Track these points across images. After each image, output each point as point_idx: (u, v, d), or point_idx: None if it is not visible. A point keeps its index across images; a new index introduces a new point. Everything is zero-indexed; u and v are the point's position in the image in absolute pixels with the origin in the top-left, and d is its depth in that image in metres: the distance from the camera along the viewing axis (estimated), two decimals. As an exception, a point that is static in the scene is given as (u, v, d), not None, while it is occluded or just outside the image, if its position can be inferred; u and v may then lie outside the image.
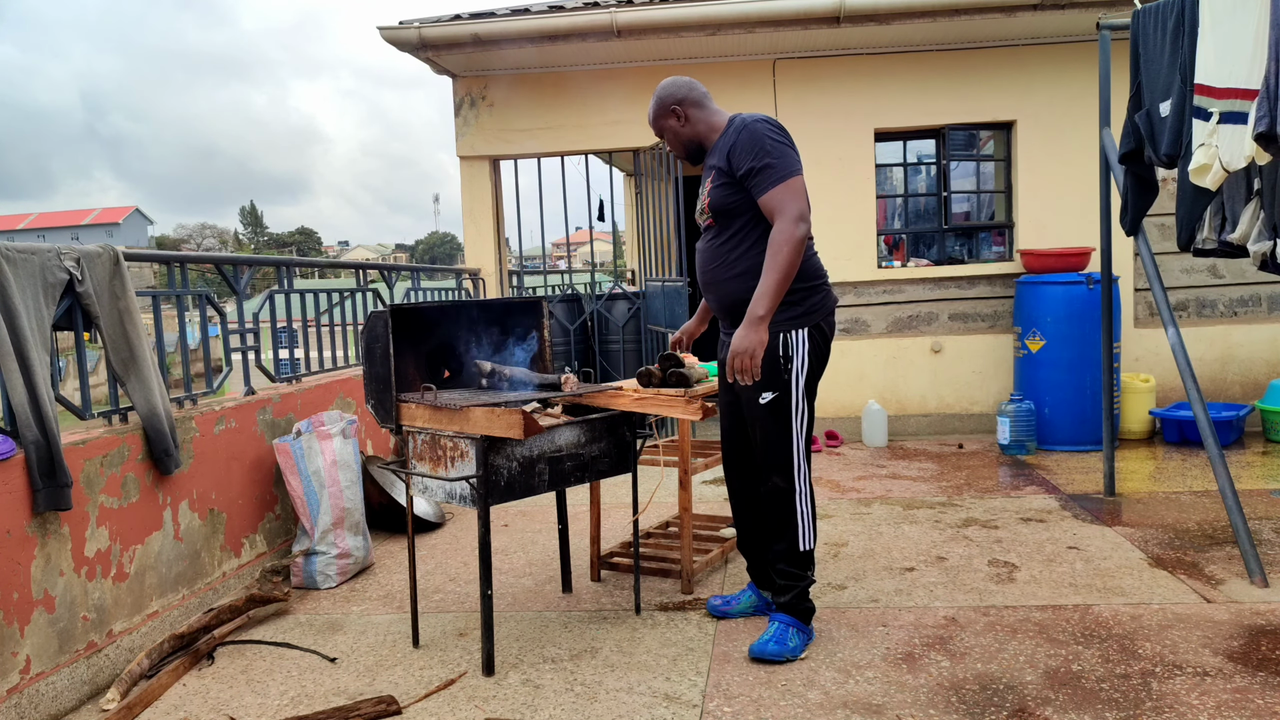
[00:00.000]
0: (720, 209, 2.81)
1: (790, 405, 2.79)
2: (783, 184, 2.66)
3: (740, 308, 2.77)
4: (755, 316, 2.62)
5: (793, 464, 2.82)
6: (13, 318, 2.58)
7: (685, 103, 2.91)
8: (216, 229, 70.84)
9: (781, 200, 2.65)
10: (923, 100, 6.36)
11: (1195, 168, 3.25)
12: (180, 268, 3.53)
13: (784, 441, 2.81)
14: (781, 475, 2.83)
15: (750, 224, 2.79)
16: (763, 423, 2.81)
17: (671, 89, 2.93)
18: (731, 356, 2.63)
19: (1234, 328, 6.37)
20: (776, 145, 2.69)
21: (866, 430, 6.29)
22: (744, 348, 2.62)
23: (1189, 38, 3.39)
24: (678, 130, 2.93)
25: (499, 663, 2.88)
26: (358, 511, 3.86)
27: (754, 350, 2.61)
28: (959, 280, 6.51)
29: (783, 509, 2.85)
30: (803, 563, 2.88)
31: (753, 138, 2.70)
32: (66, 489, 2.67)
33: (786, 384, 2.78)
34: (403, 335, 3.09)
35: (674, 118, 2.92)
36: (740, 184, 2.74)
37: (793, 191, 2.66)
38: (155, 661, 2.89)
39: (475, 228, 6.89)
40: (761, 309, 2.62)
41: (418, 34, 5.94)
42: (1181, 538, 3.89)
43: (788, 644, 2.82)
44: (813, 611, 2.94)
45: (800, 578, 2.88)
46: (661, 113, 2.94)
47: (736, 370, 2.63)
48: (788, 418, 2.80)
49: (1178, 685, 2.54)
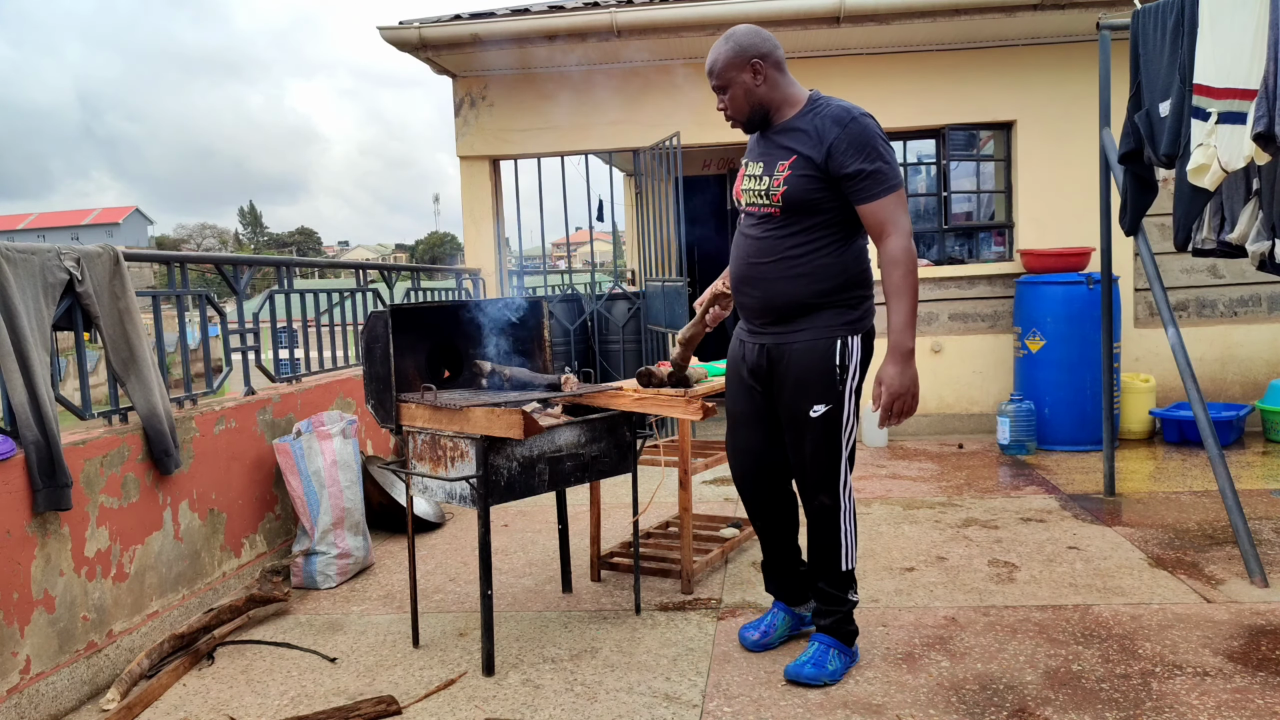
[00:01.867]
0: (798, 201, 2.50)
1: (842, 418, 2.57)
2: (895, 193, 2.45)
3: (790, 310, 2.56)
4: (906, 350, 2.43)
5: (839, 480, 2.62)
6: (13, 318, 2.58)
7: (769, 59, 2.54)
8: (216, 229, 70.88)
9: (894, 212, 2.44)
10: (923, 100, 6.36)
11: (1194, 168, 3.25)
12: (180, 268, 3.53)
13: (833, 457, 2.59)
14: (829, 493, 2.62)
15: (826, 224, 2.52)
16: (812, 438, 2.58)
17: (756, 39, 2.54)
18: (891, 399, 2.45)
19: (1234, 328, 6.36)
20: (887, 148, 2.48)
21: (866, 430, 6.29)
22: (903, 387, 2.44)
23: (1188, 38, 3.39)
24: (751, 88, 2.54)
25: (499, 663, 2.88)
26: (358, 511, 3.86)
27: (913, 390, 2.45)
28: (959, 280, 6.51)
29: (828, 528, 2.65)
30: (844, 583, 2.69)
31: (865, 134, 2.45)
32: (66, 489, 2.67)
33: (840, 395, 2.55)
34: (403, 335, 3.09)
35: (751, 72, 2.53)
36: (833, 180, 2.47)
37: (903, 203, 2.47)
38: (155, 661, 2.89)
39: (475, 228, 6.89)
40: (910, 340, 2.43)
41: (418, 34, 5.94)
42: (1181, 538, 3.89)
43: (826, 667, 2.64)
44: (857, 634, 2.75)
45: (842, 601, 2.69)
46: (737, 62, 2.52)
47: (897, 414, 2.46)
48: (838, 431, 2.58)
49: (1178, 685, 2.54)
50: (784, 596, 2.94)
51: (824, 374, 2.54)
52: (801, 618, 2.94)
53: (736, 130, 2.72)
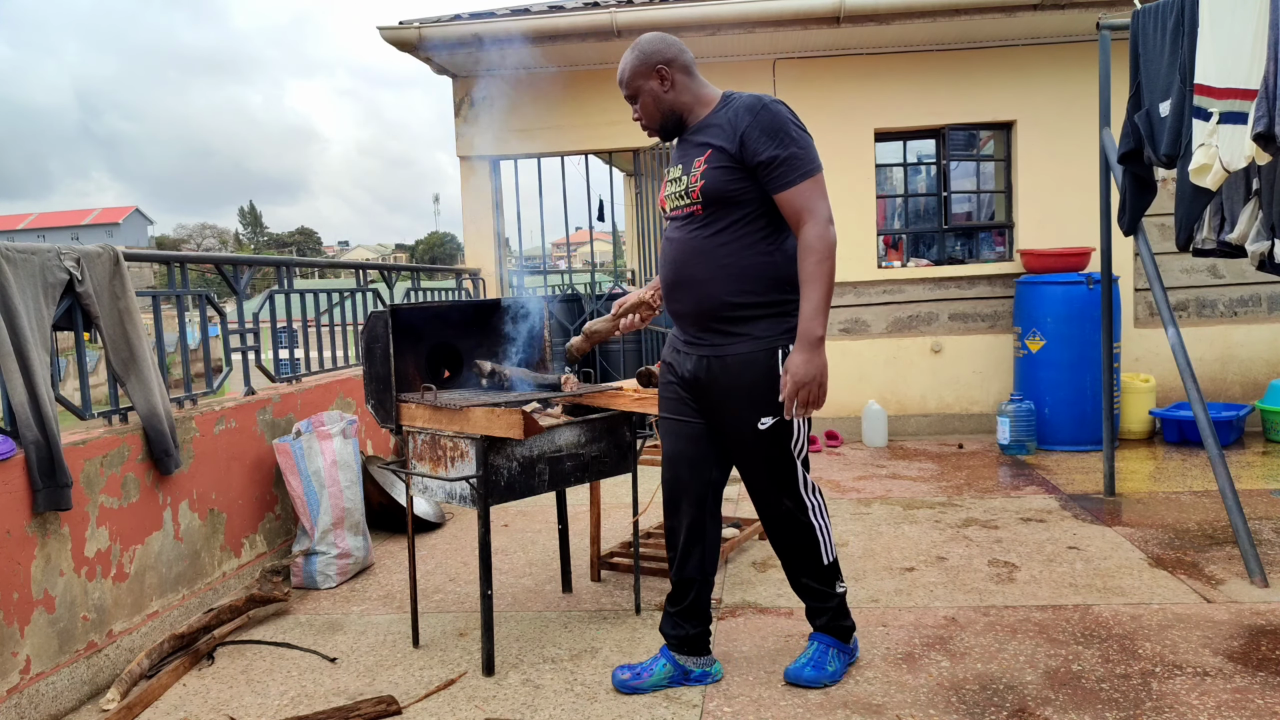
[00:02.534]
0: (717, 195, 2.42)
1: (791, 427, 2.49)
2: (811, 178, 2.35)
3: (720, 314, 2.46)
4: (815, 338, 2.32)
5: (798, 483, 2.56)
6: (13, 318, 2.58)
7: (674, 64, 2.49)
8: (216, 229, 70.89)
9: (811, 198, 2.35)
10: (923, 100, 6.36)
11: (1195, 168, 3.26)
12: (180, 268, 3.53)
13: (787, 465, 2.53)
14: (790, 497, 2.56)
15: (749, 218, 2.43)
16: (764, 451, 2.51)
17: (659, 45, 2.50)
18: (795, 387, 2.33)
19: (1234, 328, 6.37)
20: (801, 134, 2.38)
21: (866, 430, 6.30)
22: (810, 375, 2.32)
23: (1189, 38, 3.39)
24: (658, 95, 2.50)
25: (499, 663, 2.88)
26: (358, 511, 3.86)
27: (821, 378, 2.33)
28: (959, 280, 6.51)
29: (799, 529, 2.59)
30: (829, 577, 2.63)
31: (776, 120, 2.36)
32: (66, 489, 2.67)
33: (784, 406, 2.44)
34: (403, 335, 3.09)
35: (657, 79, 2.49)
36: (750, 171, 2.39)
37: (821, 189, 2.37)
38: (155, 661, 2.89)
39: (475, 228, 6.89)
40: (820, 328, 2.33)
41: (418, 34, 5.94)
42: (1181, 538, 3.89)
43: (826, 668, 2.61)
44: (853, 628, 2.71)
45: (830, 595, 2.64)
46: (643, 70, 2.50)
47: (804, 404, 2.35)
48: (787, 441, 2.50)
49: (1178, 685, 2.54)
50: (673, 639, 2.68)
51: (767, 387, 2.44)
52: (687, 672, 2.66)
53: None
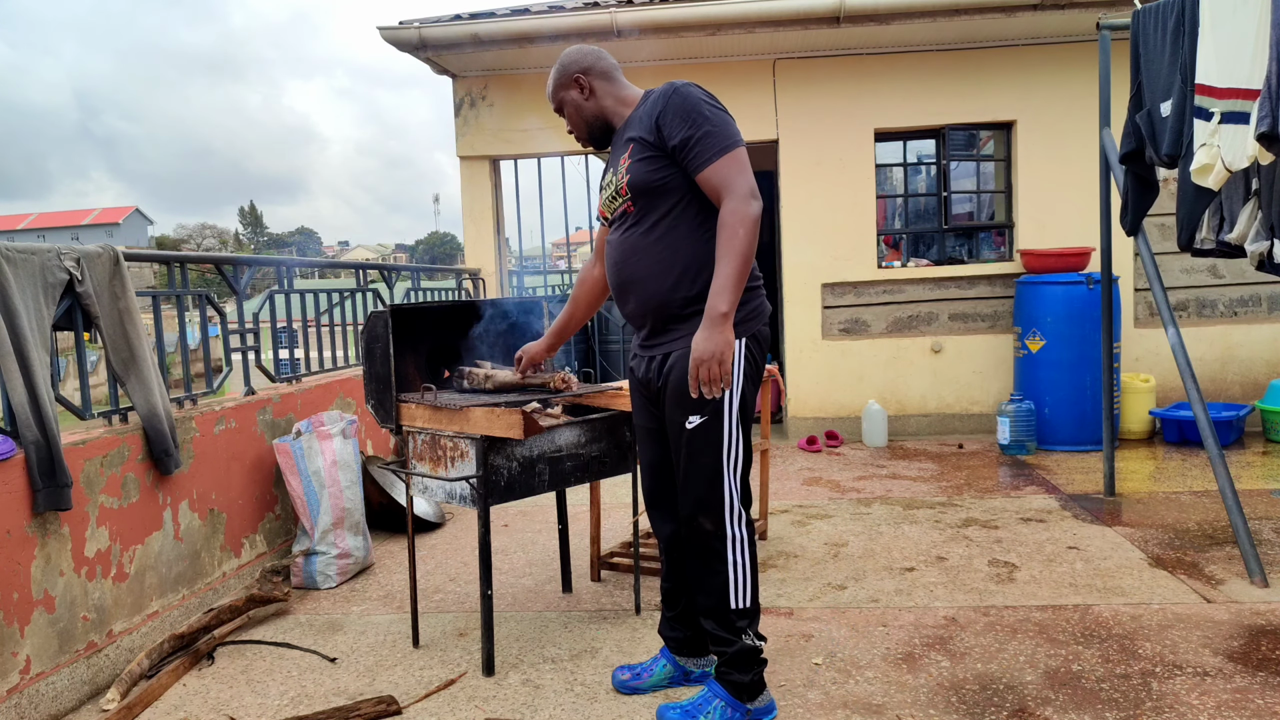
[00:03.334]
0: (643, 187, 2.35)
1: (721, 432, 2.33)
2: (728, 154, 2.25)
3: (665, 313, 2.38)
4: (718, 314, 2.18)
5: (723, 504, 2.35)
6: (13, 318, 2.58)
7: (591, 72, 2.50)
8: (216, 229, 70.91)
9: (728, 174, 2.24)
10: (923, 100, 6.36)
11: (1197, 168, 3.25)
12: (180, 268, 3.53)
13: (714, 476, 2.34)
14: (709, 516, 2.36)
15: (680, 207, 2.34)
16: (689, 452, 2.36)
17: (576, 55, 2.53)
18: (695, 365, 2.20)
19: (1234, 328, 6.37)
20: (716, 112, 2.29)
21: (866, 430, 6.30)
22: (709, 352, 2.18)
23: (1189, 38, 3.39)
24: (580, 104, 2.52)
25: (499, 663, 2.88)
26: (358, 511, 3.86)
27: (722, 354, 2.18)
28: (959, 280, 6.51)
29: (707, 556, 2.38)
30: (732, 625, 2.37)
31: (687, 102, 2.28)
32: (66, 489, 2.67)
33: (718, 407, 2.32)
34: (403, 335, 3.09)
35: (576, 88, 2.51)
36: (671, 157, 2.31)
37: (740, 164, 2.25)
38: (155, 661, 2.89)
39: (475, 228, 6.89)
40: (724, 304, 2.18)
41: (418, 34, 5.94)
42: (1181, 538, 3.89)
43: (696, 717, 2.37)
44: (753, 687, 2.39)
45: (729, 642, 2.38)
46: (563, 82, 2.52)
47: (704, 382, 2.20)
48: (718, 446, 2.34)
49: (1178, 685, 2.54)
50: (672, 641, 2.68)
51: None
52: (687, 673, 2.67)
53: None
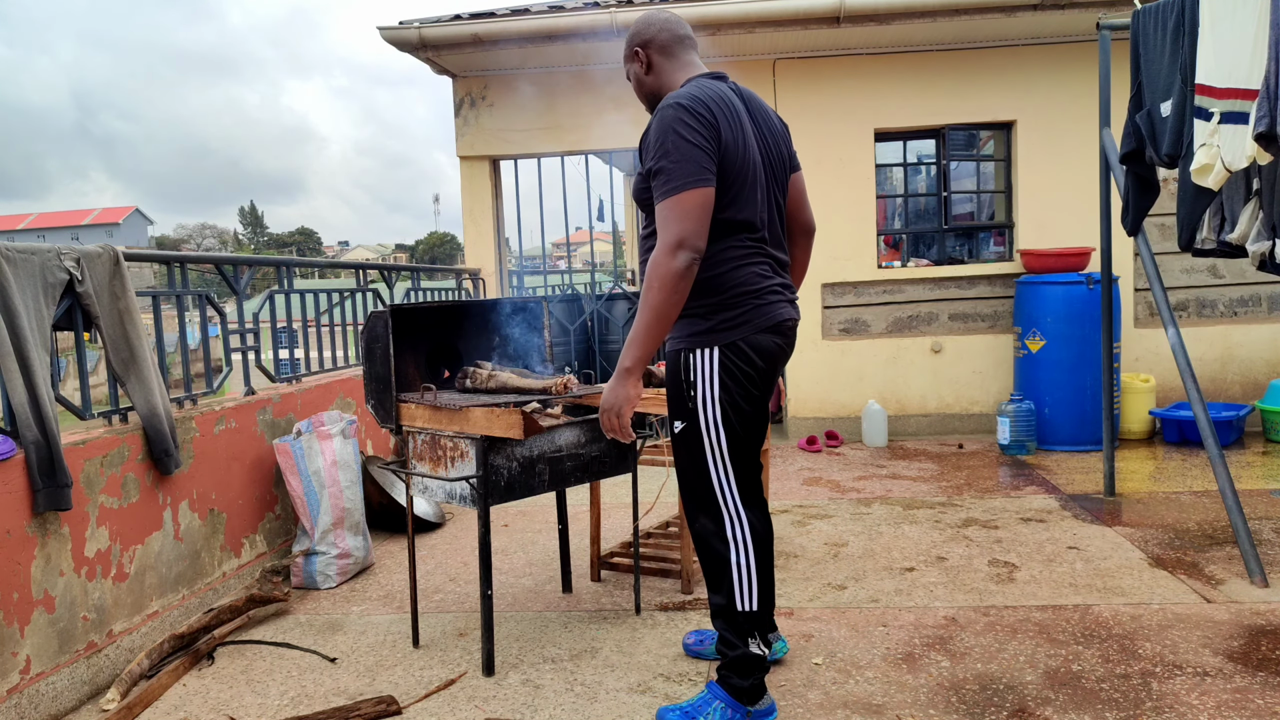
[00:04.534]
0: (639, 200, 2.32)
1: (701, 439, 2.31)
2: (670, 198, 2.10)
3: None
4: (621, 369, 2.17)
5: (718, 503, 2.34)
6: (13, 318, 2.58)
7: (651, 45, 2.36)
8: (216, 229, 70.94)
9: (661, 220, 2.12)
10: (923, 100, 6.36)
11: (1197, 168, 3.25)
12: (180, 268, 3.53)
13: (701, 479, 2.35)
14: (708, 515, 2.37)
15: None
16: (680, 456, 2.39)
17: (640, 24, 2.38)
18: (600, 413, 2.23)
19: (1234, 328, 6.37)
20: (681, 145, 2.10)
21: (866, 430, 6.30)
22: (607, 403, 2.20)
23: (1189, 38, 3.39)
24: (640, 78, 2.40)
25: (499, 663, 2.88)
26: (358, 511, 3.86)
27: (618, 408, 2.18)
28: (959, 280, 6.51)
29: (714, 556, 2.37)
30: (740, 628, 2.35)
31: (659, 128, 2.15)
32: (66, 489, 2.67)
33: (693, 413, 2.30)
34: (403, 335, 3.09)
35: (636, 61, 2.39)
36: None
37: (679, 210, 2.09)
38: (155, 661, 2.89)
39: (475, 228, 6.89)
40: (628, 359, 2.16)
41: (418, 34, 5.94)
42: (1181, 538, 3.89)
43: (694, 718, 2.35)
44: (754, 692, 2.36)
45: (734, 645, 2.35)
46: (627, 53, 2.42)
47: (605, 430, 2.24)
48: (700, 453, 2.33)
49: (1178, 685, 2.54)
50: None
51: (675, 389, 2.34)
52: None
53: None
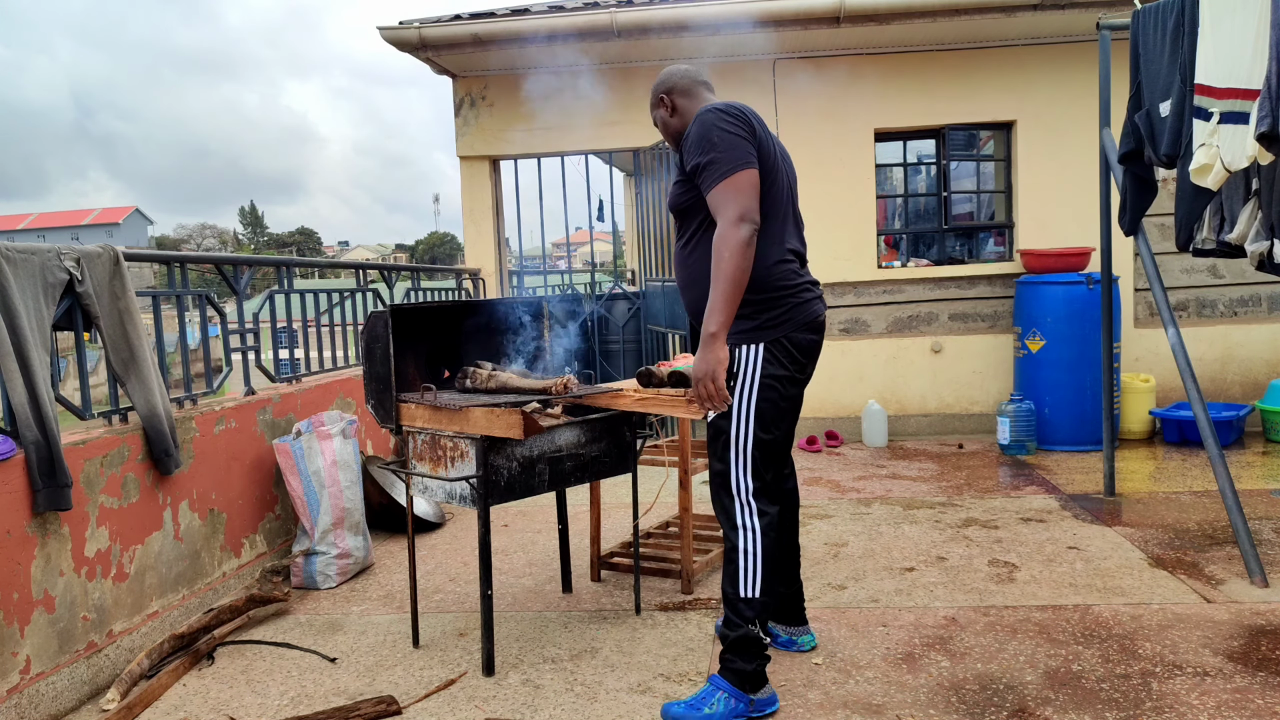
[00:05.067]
0: (676, 208, 2.58)
1: (731, 431, 2.46)
2: (725, 181, 2.35)
3: (700, 316, 2.49)
4: (707, 335, 2.32)
5: (734, 494, 2.49)
6: (13, 318, 2.58)
7: (674, 91, 2.66)
8: (216, 229, 70.90)
9: (720, 200, 2.35)
10: (923, 100, 6.36)
11: (1196, 168, 3.25)
12: (180, 268, 3.53)
13: (724, 468, 2.49)
14: (726, 502, 2.52)
15: (703, 224, 2.51)
16: (711, 444, 2.54)
17: (664, 75, 2.71)
18: (694, 382, 2.36)
19: (1234, 328, 6.37)
20: (725, 137, 2.38)
21: (866, 430, 6.29)
22: (701, 371, 2.32)
23: (1189, 38, 3.39)
24: (666, 121, 2.70)
25: (499, 663, 2.88)
26: (358, 511, 3.86)
27: (714, 373, 2.31)
28: (959, 280, 6.51)
29: (729, 542, 2.51)
30: (740, 612, 2.46)
31: (701, 130, 2.42)
32: (66, 489, 2.67)
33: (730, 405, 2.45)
34: (403, 335, 3.09)
35: (663, 107, 2.69)
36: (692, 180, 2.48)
37: (735, 189, 2.34)
38: (155, 661, 2.89)
39: (475, 228, 6.89)
40: (712, 325, 2.31)
41: (418, 34, 5.94)
42: (1181, 538, 3.89)
43: (701, 709, 2.40)
44: (755, 677, 2.45)
45: (735, 625, 2.46)
46: (653, 102, 2.72)
47: (701, 399, 2.35)
48: (727, 443, 2.48)
49: (1178, 685, 2.54)
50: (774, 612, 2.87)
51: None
52: (774, 635, 2.85)
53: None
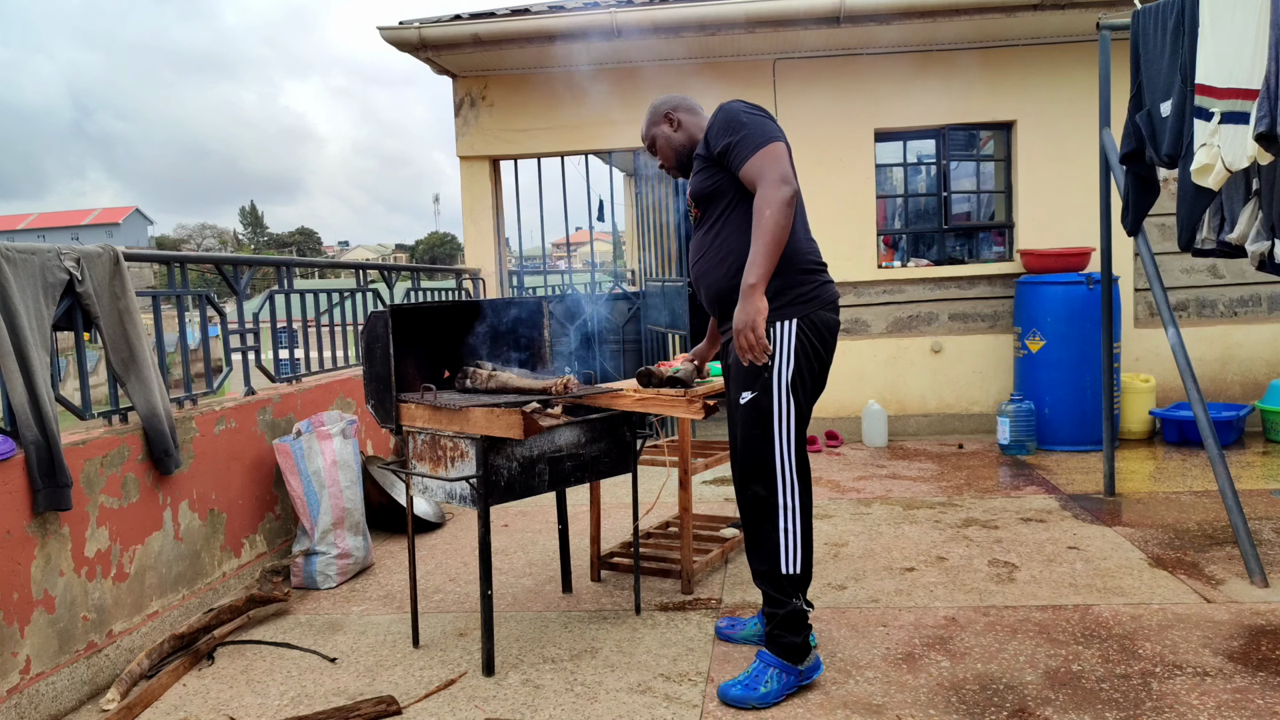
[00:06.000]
0: (701, 194, 2.69)
1: (771, 407, 2.53)
2: (760, 151, 2.49)
3: (726, 300, 2.63)
4: (746, 286, 2.40)
5: (775, 472, 2.54)
6: (13, 318, 2.58)
7: (679, 109, 2.89)
8: (216, 229, 70.90)
9: (760, 167, 2.47)
10: (923, 100, 6.36)
11: (1197, 168, 3.25)
12: (180, 268, 3.53)
13: (766, 446, 2.55)
14: (763, 483, 2.56)
15: (733, 206, 2.63)
16: (743, 425, 2.58)
17: (666, 98, 2.94)
18: (735, 335, 2.42)
19: (1234, 328, 6.37)
20: (753, 118, 2.56)
21: (866, 430, 6.30)
22: (741, 320, 2.40)
23: (1189, 38, 3.39)
24: (670, 136, 2.88)
25: (499, 663, 2.88)
26: (358, 511, 3.86)
27: (754, 321, 2.38)
28: (959, 280, 6.51)
29: (763, 522, 2.57)
30: (784, 588, 2.56)
31: (727, 115, 2.58)
32: (66, 489, 2.67)
33: (767, 383, 2.52)
34: (403, 335, 3.09)
35: (667, 123, 2.88)
36: (720, 164, 2.60)
37: (772, 156, 2.47)
38: (155, 661, 2.89)
39: (475, 228, 6.89)
40: (753, 276, 2.39)
41: (418, 34, 5.94)
42: (1181, 538, 3.89)
43: (758, 689, 2.52)
44: (804, 650, 2.58)
45: (781, 603, 2.56)
46: (654, 120, 2.91)
47: (743, 349, 2.41)
48: (769, 420, 2.53)
49: (1178, 685, 2.54)
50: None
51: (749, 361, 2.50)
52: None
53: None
